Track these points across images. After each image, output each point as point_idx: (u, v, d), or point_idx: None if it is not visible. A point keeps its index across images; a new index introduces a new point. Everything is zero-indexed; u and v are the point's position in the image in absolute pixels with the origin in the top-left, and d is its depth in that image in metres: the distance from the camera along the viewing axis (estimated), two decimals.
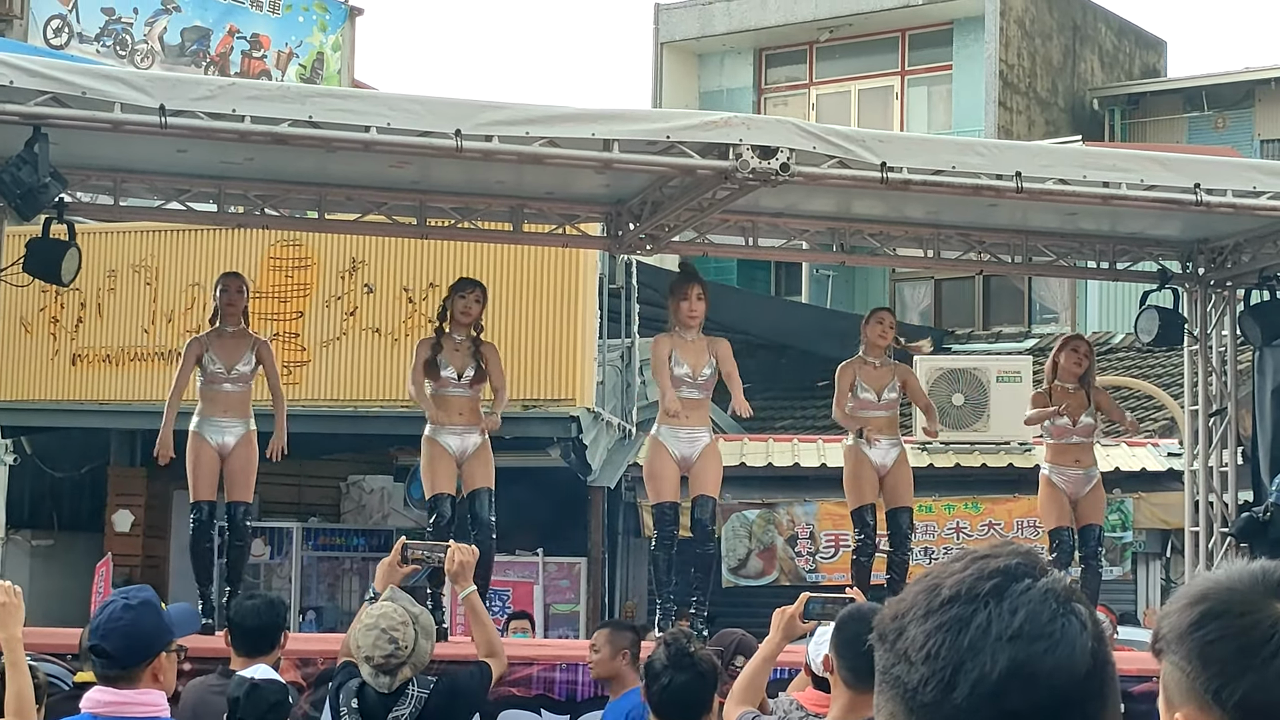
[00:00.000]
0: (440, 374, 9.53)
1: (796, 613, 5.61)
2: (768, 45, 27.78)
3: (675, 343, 9.60)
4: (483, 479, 9.55)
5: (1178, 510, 13.58)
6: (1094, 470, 10.65)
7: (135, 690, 4.45)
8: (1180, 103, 27.05)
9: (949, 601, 1.68)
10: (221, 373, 9.68)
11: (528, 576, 15.73)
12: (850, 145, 8.83)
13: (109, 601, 4.59)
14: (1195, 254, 11.81)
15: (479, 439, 9.60)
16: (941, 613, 1.68)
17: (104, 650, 4.47)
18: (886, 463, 10.21)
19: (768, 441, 16.69)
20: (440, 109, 8.44)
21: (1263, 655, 1.71)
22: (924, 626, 1.68)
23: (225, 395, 9.70)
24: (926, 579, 1.73)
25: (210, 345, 9.75)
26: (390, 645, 6.11)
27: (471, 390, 9.62)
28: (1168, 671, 1.78)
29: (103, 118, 8.05)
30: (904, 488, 10.30)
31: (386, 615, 6.20)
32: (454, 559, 6.92)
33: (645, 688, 5.36)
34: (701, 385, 9.60)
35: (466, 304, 9.65)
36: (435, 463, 9.54)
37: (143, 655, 4.48)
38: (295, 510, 17.89)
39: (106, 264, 15.93)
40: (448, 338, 9.64)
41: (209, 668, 6.91)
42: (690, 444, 9.56)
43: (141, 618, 4.51)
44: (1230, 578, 1.80)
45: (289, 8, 22.25)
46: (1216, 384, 12.33)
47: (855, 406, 10.22)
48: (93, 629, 4.56)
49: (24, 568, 16.38)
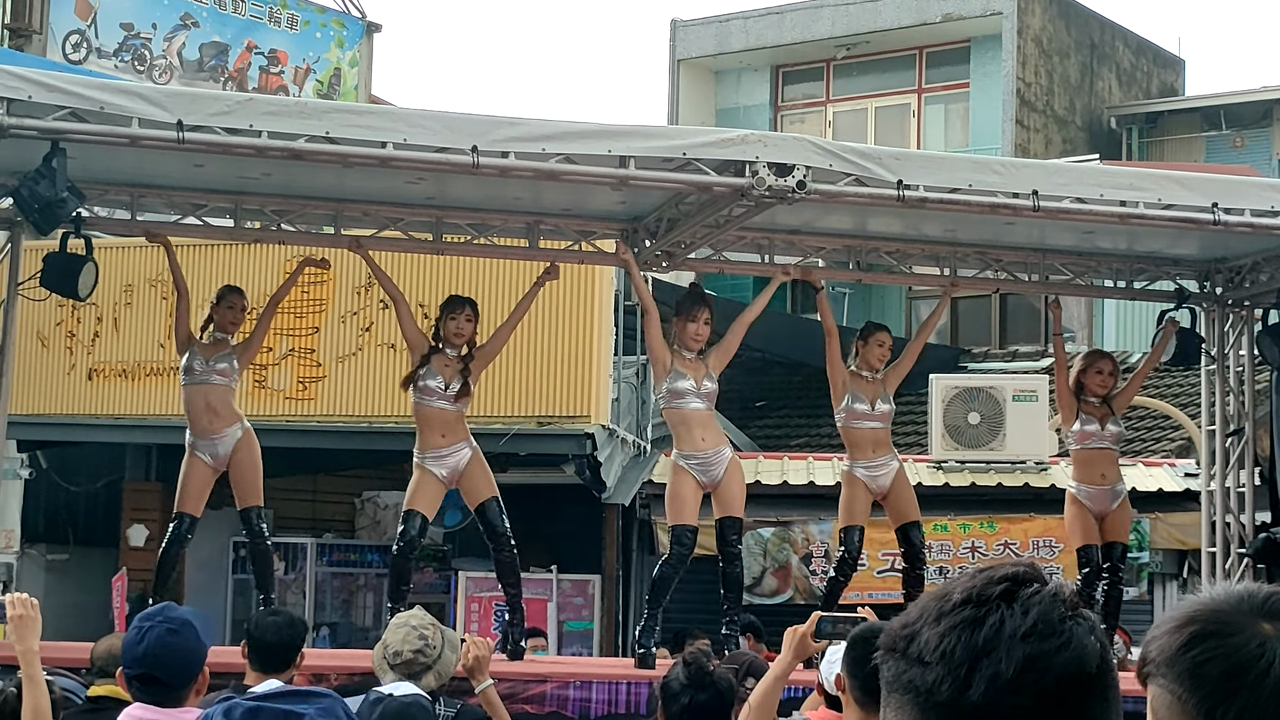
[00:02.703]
0: (427, 384, 9.49)
1: (808, 632, 5.59)
2: (785, 63, 27.77)
3: (675, 357, 9.57)
4: (486, 489, 9.52)
5: (1194, 531, 13.52)
6: (1120, 486, 10.57)
7: (179, 710, 4.45)
8: (1198, 121, 27.00)
9: (961, 604, 1.71)
10: (200, 366, 9.70)
11: (541, 594, 15.70)
12: (866, 163, 8.83)
13: (145, 628, 4.52)
14: (1213, 273, 11.78)
15: (469, 453, 9.55)
16: (954, 614, 1.71)
17: (155, 678, 4.46)
18: (885, 484, 10.12)
19: (783, 460, 16.65)
20: (457, 125, 8.45)
21: (1253, 674, 1.71)
22: (937, 629, 1.71)
23: (203, 392, 9.71)
24: (934, 592, 1.77)
25: (196, 346, 9.86)
26: (420, 641, 6.08)
27: (455, 405, 9.57)
28: (1156, 695, 1.78)
29: (120, 132, 8.08)
30: (908, 504, 10.21)
31: (416, 615, 6.19)
32: (469, 653, 6.62)
33: (663, 708, 5.33)
34: (705, 396, 9.56)
35: (458, 324, 9.64)
36: (420, 487, 9.51)
37: (192, 676, 4.52)
38: (310, 525, 17.89)
39: (123, 279, 15.96)
40: (440, 353, 9.63)
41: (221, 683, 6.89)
42: (714, 467, 9.51)
43: (187, 639, 4.51)
44: (1216, 599, 1.80)
45: (306, 23, 22.30)
46: (1234, 404, 12.29)
47: (848, 418, 10.13)
48: (137, 657, 4.50)
49: (39, 582, 16.39)
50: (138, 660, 4.50)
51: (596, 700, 8.36)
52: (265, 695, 3.12)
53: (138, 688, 4.52)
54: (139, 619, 4.64)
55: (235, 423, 9.78)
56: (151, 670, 4.45)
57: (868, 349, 10.21)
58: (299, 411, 15.66)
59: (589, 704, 8.34)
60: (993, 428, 15.66)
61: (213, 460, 9.70)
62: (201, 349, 9.84)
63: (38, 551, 17.32)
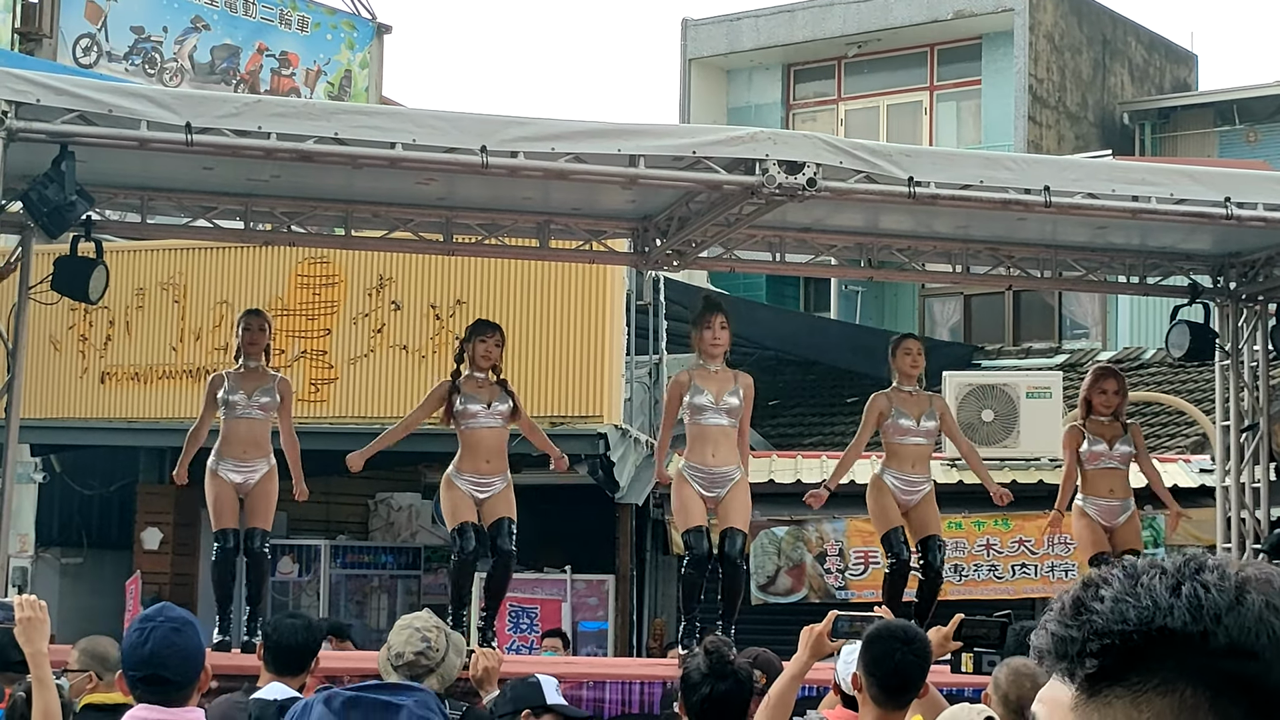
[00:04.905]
0: (468, 408, 9.42)
1: (824, 630, 5.57)
2: (796, 61, 27.73)
3: (696, 374, 9.51)
4: (504, 510, 9.47)
5: (1209, 527, 13.46)
6: (1129, 501, 10.51)
7: (183, 709, 4.44)
8: (1211, 116, 26.91)
9: (1241, 585, 1.43)
10: (241, 401, 9.71)
11: (555, 594, 15.69)
12: (877, 160, 8.79)
13: (147, 628, 4.50)
14: (1226, 268, 11.73)
15: (504, 485, 9.48)
16: (1251, 598, 1.43)
17: (162, 678, 4.45)
18: (913, 500, 10.04)
19: (796, 458, 16.62)
20: (466, 125, 8.43)
21: None
22: (1241, 616, 1.42)
23: (245, 426, 9.72)
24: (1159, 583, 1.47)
25: (229, 378, 9.82)
26: (422, 643, 6.07)
27: (501, 423, 9.50)
28: None
29: (129, 135, 8.07)
30: (931, 521, 10.14)
31: (420, 618, 6.18)
32: (478, 664, 6.65)
33: (683, 698, 5.30)
34: (727, 412, 9.45)
35: (487, 348, 9.58)
36: (454, 501, 9.43)
37: (197, 674, 4.51)
38: (324, 528, 17.88)
39: (135, 282, 15.97)
40: (468, 379, 9.57)
41: (234, 685, 6.89)
42: (719, 485, 9.46)
43: (189, 638, 4.51)
44: None
45: (317, 25, 22.30)
46: (1248, 399, 12.23)
47: (893, 433, 10.02)
48: (143, 659, 4.48)
49: (53, 585, 16.42)
50: (144, 661, 4.48)
51: (610, 700, 8.35)
52: (363, 687, 3.09)
53: (143, 689, 4.50)
54: (139, 620, 4.61)
55: (266, 456, 9.83)
56: (159, 670, 4.43)
57: (898, 359, 10.14)
58: (311, 413, 15.64)
59: (602, 704, 8.32)
60: (1006, 425, 15.62)
61: (235, 484, 9.72)
62: (238, 381, 9.80)
63: (52, 555, 17.35)
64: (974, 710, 4.92)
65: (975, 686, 6.28)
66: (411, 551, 17.76)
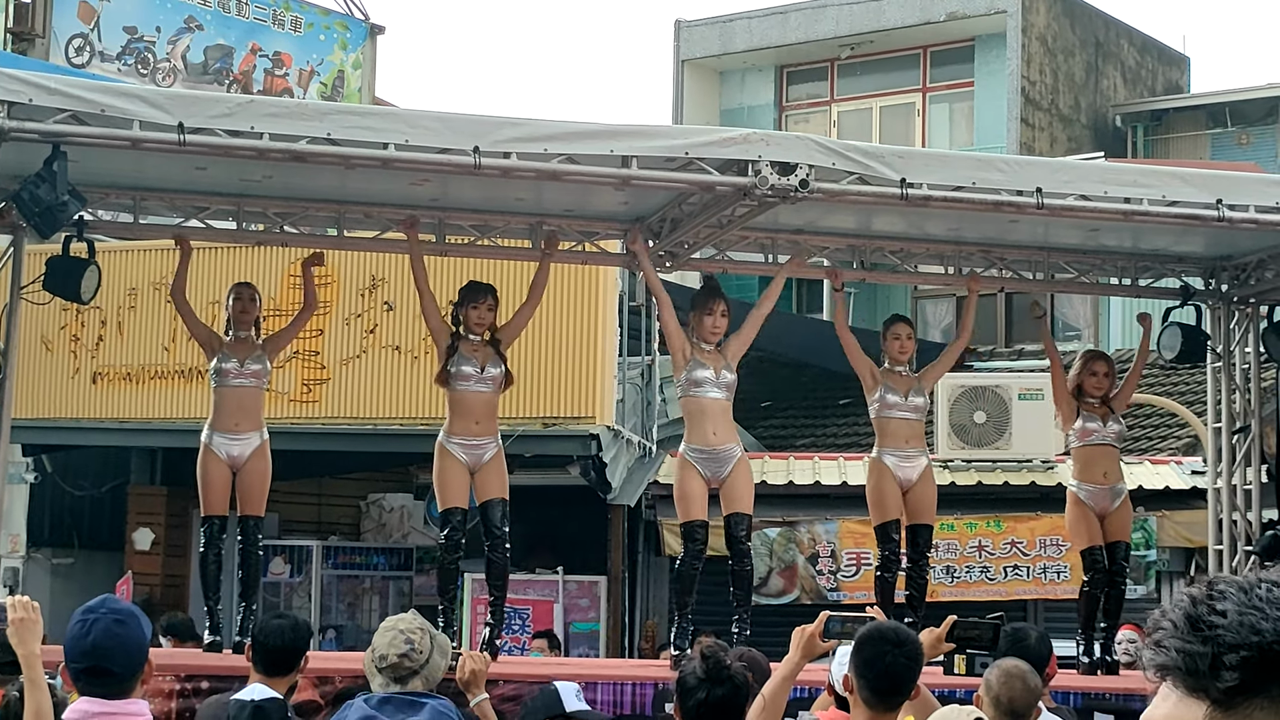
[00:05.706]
0: (461, 369, 9.47)
1: (816, 632, 5.57)
2: (789, 62, 27.74)
3: (694, 349, 9.56)
4: (497, 489, 9.48)
5: (1201, 528, 13.49)
6: (1121, 485, 10.54)
7: (126, 700, 4.43)
8: (1204, 119, 26.95)
9: None
10: (233, 369, 9.72)
11: (548, 595, 15.69)
12: (869, 161, 8.80)
13: (89, 620, 4.47)
14: (1218, 270, 11.74)
15: (495, 449, 9.53)
16: None
17: (104, 670, 4.43)
18: (912, 477, 10.11)
19: (788, 459, 16.63)
20: (459, 125, 8.43)
21: None
22: None
23: (236, 395, 9.74)
24: (1238, 581, 1.48)
25: (224, 344, 9.86)
26: (406, 645, 6.05)
27: (492, 388, 9.56)
28: None
29: (121, 135, 8.06)
30: (928, 504, 10.21)
31: (404, 620, 6.16)
32: (465, 667, 6.53)
33: (679, 702, 5.29)
34: (724, 386, 9.53)
35: (480, 313, 9.63)
36: (446, 474, 9.46)
37: (140, 666, 4.49)
38: (315, 528, 17.87)
39: (127, 282, 15.95)
40: (464, 340, 9.61)
41: (225, 686, 6.89)
42: (721, 464, 9.49)
43: (133, 630, 4.49)
44: None
45: (310, 26, 22.29)
46: (1240, 401, 12.25)
47: (881, 408, 10.12)
48: (85, 650, 4.46)
49: (44, 586, 16.39)
50: (85, 653, 4.46)
51: (602, 701, 8.35)
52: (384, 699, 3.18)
53: (85, 681, 4.48)
54: (82, 611, 4.56)
55: (258, 429, 9.83)
56: (100, 662, 4.42)
57: (887, 343, 10.23)
58: (303, 414, 15.64)
59: (594, 705, 8.31)
60: (999, 426, 15.64)
61: (229, 459, 9.71)
62: (231, 349, 9.85)
63: (43, 555, 17.33)
64: (964, 712, 4.92)
65: (968, 688, 6.28)
66: (403, 552, 17.75)
